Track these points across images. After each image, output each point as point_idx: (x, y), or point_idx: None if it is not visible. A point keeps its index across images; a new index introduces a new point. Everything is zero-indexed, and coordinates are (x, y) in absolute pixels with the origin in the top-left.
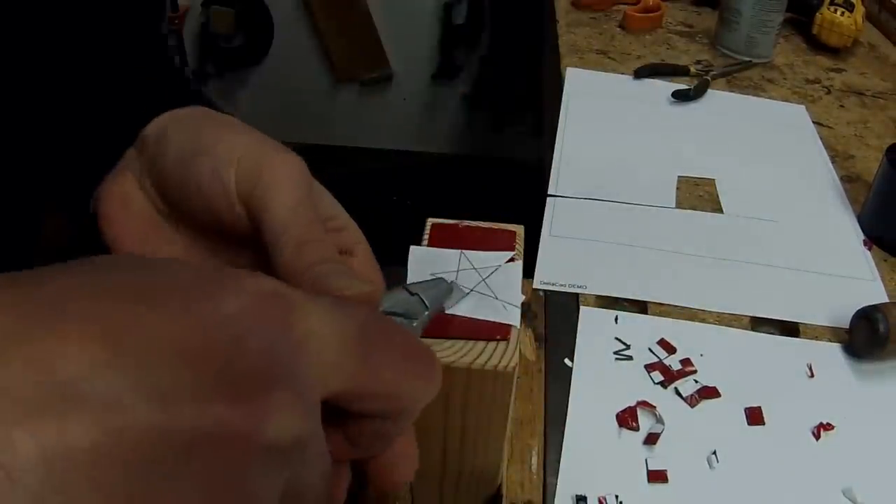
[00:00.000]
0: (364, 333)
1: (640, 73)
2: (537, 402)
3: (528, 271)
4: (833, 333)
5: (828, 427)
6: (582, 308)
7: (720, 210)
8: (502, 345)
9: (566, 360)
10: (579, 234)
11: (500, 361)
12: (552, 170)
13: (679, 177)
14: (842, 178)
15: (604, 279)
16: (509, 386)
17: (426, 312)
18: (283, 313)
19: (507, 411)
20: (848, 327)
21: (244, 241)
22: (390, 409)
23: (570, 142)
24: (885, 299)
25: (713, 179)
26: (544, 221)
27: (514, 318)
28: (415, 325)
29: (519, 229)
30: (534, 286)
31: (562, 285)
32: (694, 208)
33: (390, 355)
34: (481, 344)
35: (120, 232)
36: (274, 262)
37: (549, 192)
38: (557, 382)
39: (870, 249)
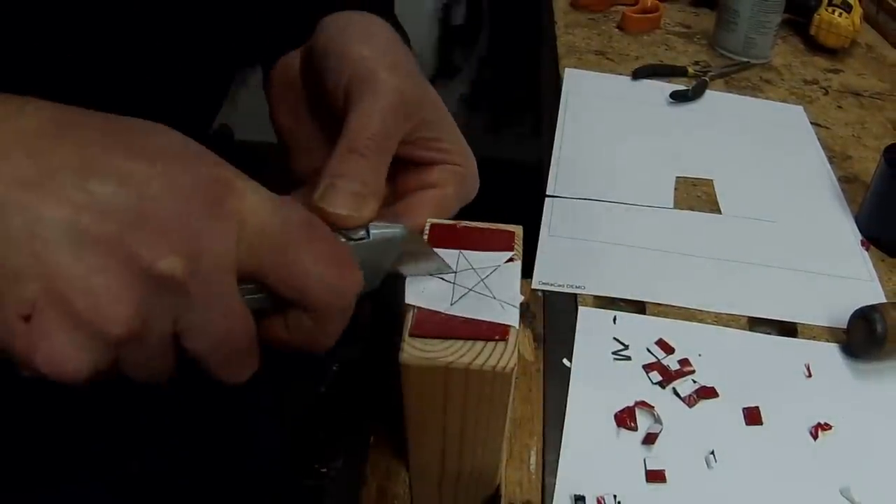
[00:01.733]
0: (287, 229)
1: (638, 74)
2: (536, 403)
3: (527, 271)
4: (831, 333)
5: (825, 427)
6: (580, 308)
7: (718, 210)
8: (501, 345)
9: (564, 361)
10: (578, 234)
11: (498, 362)
12: (550, 170)
13: (677, 177)
14: (839, 179)
15: (602, 279)
16: (508, 386)
17: (365, 239)
18: (221, 196)
19: (505, 411)
20: (846, 327)
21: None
22: (304, 301)
23: (569, 142)
24: (883, 300)
25: (711, 180)
26: (543, 222)
27: (512, 318)
28: (350, 243)
29: (517, 229)
30: (532, 286)
31: (560, 285)
32: (692, 209)
33: (307, 254)
34: (480, 344)
35: (276, 100)
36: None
37: (547, 193)
38: (556, 382)
39: (867, 250)
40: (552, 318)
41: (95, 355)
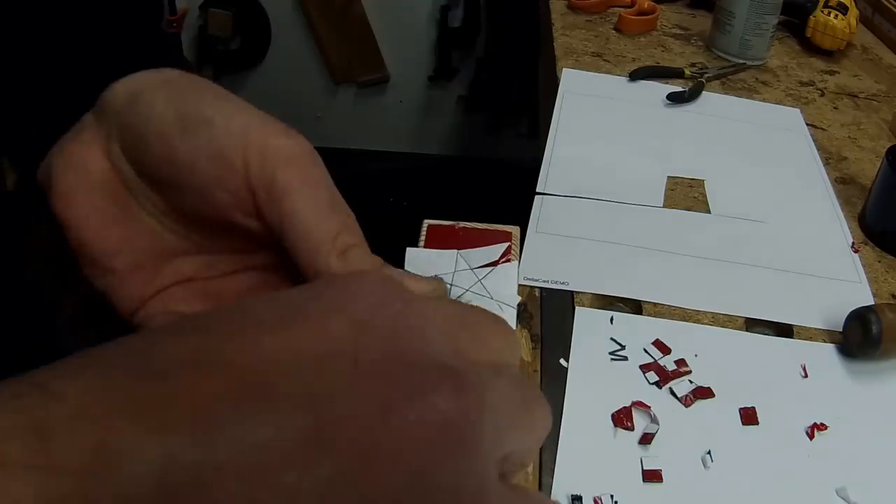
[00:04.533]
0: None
1: (635, 76)
2: None
3: None
4: (827, 334)
5: (821, 427)
6: (577, 309)
7: (714, 211)
8: None
9: (561, 361)
10: (566, 231)
11: None
12: (542, 168)
13: (673, 178)
14: (836, 180)
15: (589, 276)
16: None
17: None
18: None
19: None
20: (842, 328)
21: (244, 233)
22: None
23: (562, 141)
24: (872, 302)
25: (707, 181)
26: (531, 219)
27: (509, 318)
28: None
29: (514, 230)
30: (518, 282)
31: (545, 281)
32: (688, 209)
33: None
34: None
35: (76, 211)
36: (308, 270)
37: (537, 191)
38: (553, 383)
39: (856, 252)
40: (549, 318)
41: None
